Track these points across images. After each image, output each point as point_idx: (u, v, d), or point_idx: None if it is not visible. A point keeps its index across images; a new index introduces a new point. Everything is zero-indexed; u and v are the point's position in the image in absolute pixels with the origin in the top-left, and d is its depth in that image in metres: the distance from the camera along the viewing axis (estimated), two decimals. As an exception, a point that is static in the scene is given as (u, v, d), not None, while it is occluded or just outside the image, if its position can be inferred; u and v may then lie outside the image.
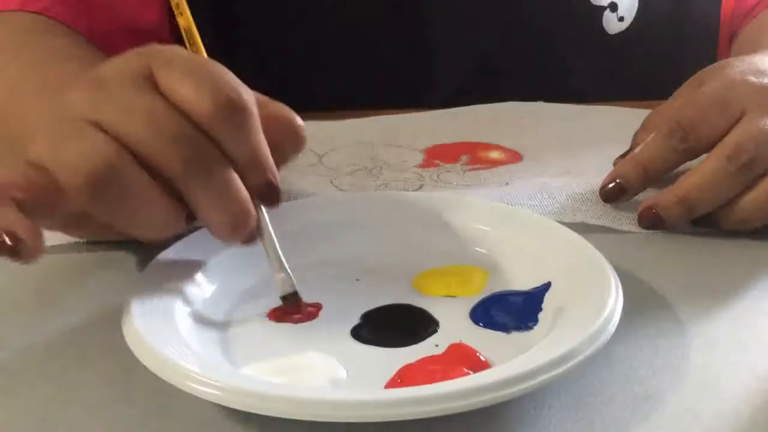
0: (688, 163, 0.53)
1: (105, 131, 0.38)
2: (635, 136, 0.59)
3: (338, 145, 0.66)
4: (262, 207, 0.43)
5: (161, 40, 0.46)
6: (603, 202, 0.54)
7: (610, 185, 0.54)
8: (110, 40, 0.66)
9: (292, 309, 0.43)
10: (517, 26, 0.76)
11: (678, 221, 0.51)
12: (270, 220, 0.43)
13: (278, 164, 0.42)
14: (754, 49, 0.61)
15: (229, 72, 0.40)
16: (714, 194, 0.50)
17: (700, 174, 0.50)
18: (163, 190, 0.39)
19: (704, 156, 0.52)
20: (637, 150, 0.54)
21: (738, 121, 0.51)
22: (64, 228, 0.47)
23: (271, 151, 0.41)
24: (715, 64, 0.56)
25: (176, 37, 0.74)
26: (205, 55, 0.46)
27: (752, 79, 0.52)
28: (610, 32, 0.77)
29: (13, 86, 0.57)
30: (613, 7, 0.76)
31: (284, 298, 0.43)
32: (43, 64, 0.57)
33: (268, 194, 0.41)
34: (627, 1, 0.76)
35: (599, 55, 0.77)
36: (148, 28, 0.71)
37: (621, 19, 0.77)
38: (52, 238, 0.52)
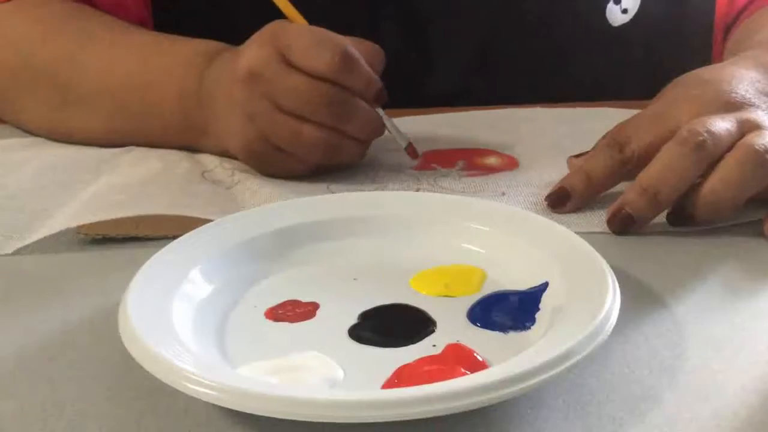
0: None
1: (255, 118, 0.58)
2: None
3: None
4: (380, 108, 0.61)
5: None
6: (598, 213, 0.55)
7: (556, 191, 0.56)
8: None
9: (411, 155, 0.62)
10: (520, 18, 0.76)
11: (647, 214, 0.52)
12: (268, 220, 0.48)
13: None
14: (736, 52, 0.62)
15: (331, 32, 0.58)
16: (674, 177, 0.51)
17: (657, 163, 0.52)
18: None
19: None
20: (582, 158, 0.57)
21: (673, 132, 0.52)
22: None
23: None
24: (680, 77, 0.58)
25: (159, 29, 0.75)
26: (304, 21, 0.62)
27: (694, 92, 0.55)
28: (613, 24, 0.77)
29: (140, 61, 0.66)
30: None
31: (405, 148, 0.62)
32: (157, 43, 0.67)
33: (381, 96, 0.60)
34: None
35: (602, 47, 0.77)
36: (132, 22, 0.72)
37: (624, 11, 0.77)
38: (51, 237, 0.52)
